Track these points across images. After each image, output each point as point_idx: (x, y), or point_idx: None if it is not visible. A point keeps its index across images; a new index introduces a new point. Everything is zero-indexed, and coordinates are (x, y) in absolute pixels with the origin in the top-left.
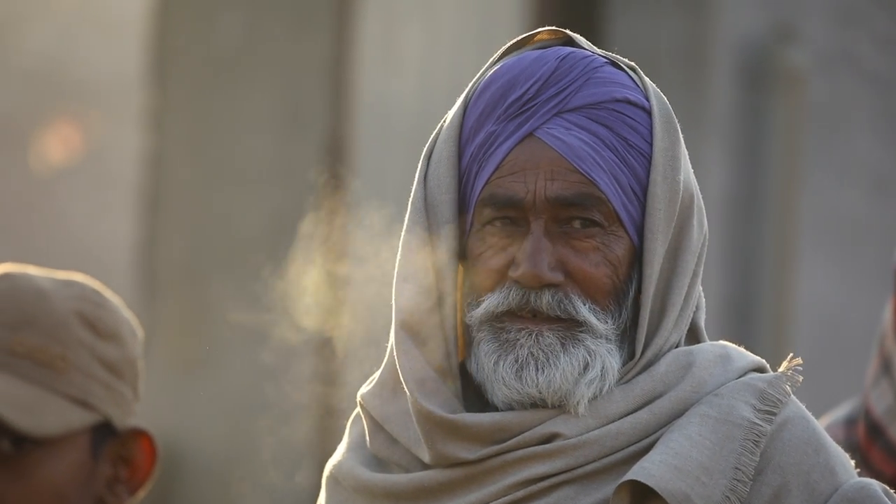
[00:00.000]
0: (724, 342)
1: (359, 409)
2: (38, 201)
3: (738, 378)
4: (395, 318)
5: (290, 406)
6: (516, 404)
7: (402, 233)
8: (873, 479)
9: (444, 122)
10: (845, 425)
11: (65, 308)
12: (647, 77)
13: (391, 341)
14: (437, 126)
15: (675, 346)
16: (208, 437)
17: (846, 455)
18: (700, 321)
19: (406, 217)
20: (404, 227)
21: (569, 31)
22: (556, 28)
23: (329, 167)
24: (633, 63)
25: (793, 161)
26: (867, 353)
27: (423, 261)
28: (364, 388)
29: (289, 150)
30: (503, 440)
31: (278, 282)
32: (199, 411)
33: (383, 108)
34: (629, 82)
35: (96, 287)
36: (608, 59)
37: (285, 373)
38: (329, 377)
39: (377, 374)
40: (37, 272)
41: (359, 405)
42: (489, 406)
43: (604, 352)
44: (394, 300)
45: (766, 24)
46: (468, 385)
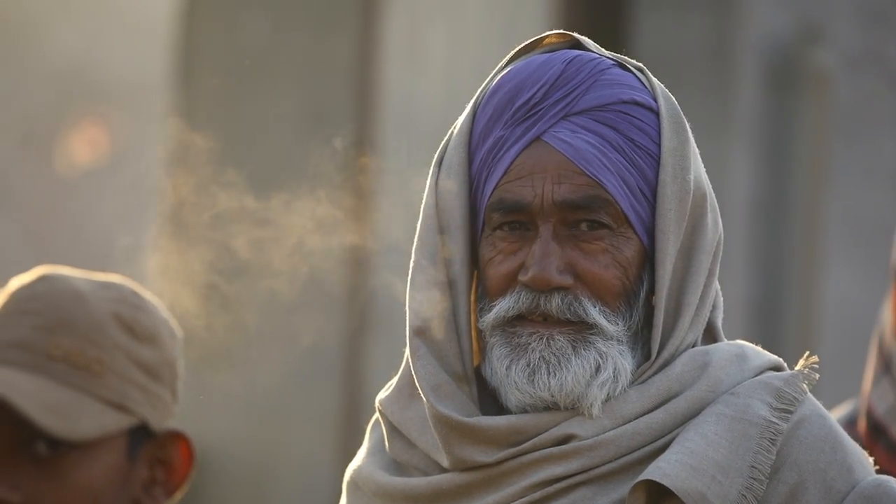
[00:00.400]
0: (741, 341)
1: (377, 415)
2: (64, 202)
3: (754, 377)
4: (410, 325)
5: (316, 406)
6: (529, 408)
7: (415, 239)
8: (891, 476)
9: (455, 128)
10: (846, 426)
11: (102, 310)
12: (655, 78)
13: (406, 347)
14: (448, 132)
15: (692, 346)
16: (233, 437)
17: (864, 452)
18: (717, 321)
19: (418, 224)
20: (416, 233)
21: (577, 35)
22: (564, 31)
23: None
24: (640, 64)
25: (819, 162)
26: None
27: (435, 267)
28: (382, 394)
29: (313, 150)
30: (519, 442)
31: (304, 282)
32: (225, 410)
33: (408, 108)
34: (637, 84)
35: (135, 288)
36: (616, 61)
37: (312, 372)
38: (356, 378)
39: (395, 380)
40: (75, 274)
41: (377, 410)
42: (504, 411)
43: (615, 353)
44: (407, 306)
45: (792, 25)
46: (484, 390)
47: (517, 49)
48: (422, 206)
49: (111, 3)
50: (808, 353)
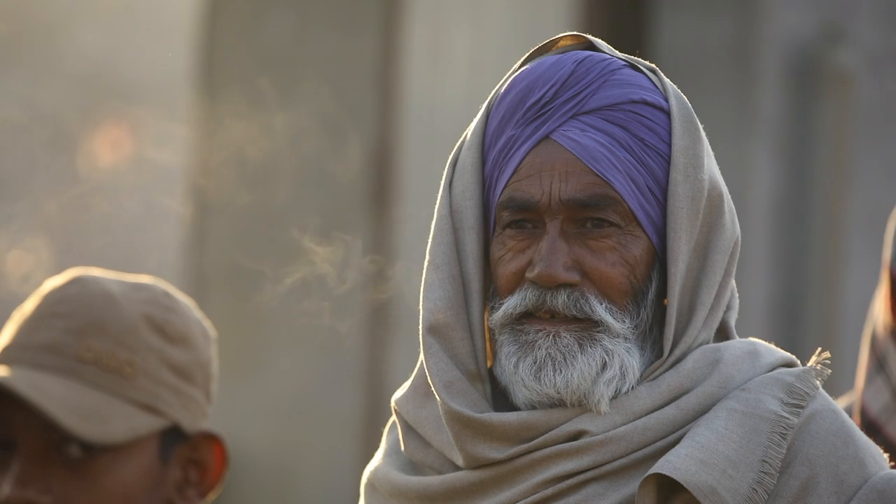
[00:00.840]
0: (754, 339)
1: (394, 417)
2: (88, 202)
3: (766, 373)
4: (423, 323)
5: (339, 408)
6: (537, 405)
7: (429, 238)
8: None
9: (469, 129)
10: None
11: (133, 313)
12: (667, 79)
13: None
14: (463, 134)
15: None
16: (258, 440)
17: (877, 447)
18: (730, 320)
19: (432, 224)
20: (431, 233)
21: (590, 37)
22: (578, 33)
23: (376, 168)
24: (653, 65)
25: (841, 162)
26: None
27: (448, 266)
28: (398, 393)
29: (336, 152)
30: (530, 439)
31: (325, 281)
32: (249, 413)
33: (430, 109)
34: (648, 84)
35: (167, 290)
36: (628, 61)
37: (335, 375)
38: (378, 381)
39: (410, 379)
40: (108, 276)
41: (393, 410)
42: (517, 409)
43: (622, 351)
44: (421, 305)
45: (815, 25)
46: (498, 389)
47: (531, 51)
48: (436, 205)
49: (135, 4)
50: (819, 349)
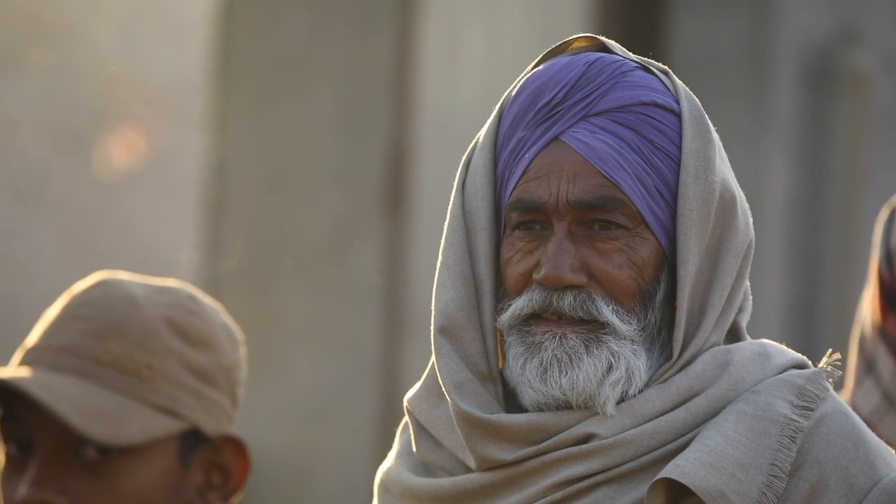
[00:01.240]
0: (765, 340)
1: (407, 417)
2: (103, 206)
3: (777, 375)
4: (434, 323)
5: (354, 411)
6: (544, 406)
7: (441, 240)
8: None
9: (482, 130)
10: None
11: (154, 315)
12: (679, 81)
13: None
14: (476, 136)
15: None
16: (274, 441)
17: (888, 449)
18: (742, 322)
19: (445, 226)
20: (443, 234)
21: (603, 38)
22: (591, 35)
23: (391, 171)
24: (665, 67)
25: (857, 163)
26: None
27: (460, 267)
28: (410, 392)
29: (351, 153)
30: (539, 441)
31: (341, 283)
32: (265, 415)
33: (445, 112)
34: (659, 86)
35: (193, 294)
36: (640, 63)
37: (350, 377)
38: (394, 382)
39: (422, 380)
40: (133, 279)
41: (405, 409)
42: (527, 411)
43: (628, 353)
44: (433, 305)
45: (830, 26)
46: (509, 390)
47: (545, 53)
48: (449, 206)
49: (150, 6)
50: (830, 350)
